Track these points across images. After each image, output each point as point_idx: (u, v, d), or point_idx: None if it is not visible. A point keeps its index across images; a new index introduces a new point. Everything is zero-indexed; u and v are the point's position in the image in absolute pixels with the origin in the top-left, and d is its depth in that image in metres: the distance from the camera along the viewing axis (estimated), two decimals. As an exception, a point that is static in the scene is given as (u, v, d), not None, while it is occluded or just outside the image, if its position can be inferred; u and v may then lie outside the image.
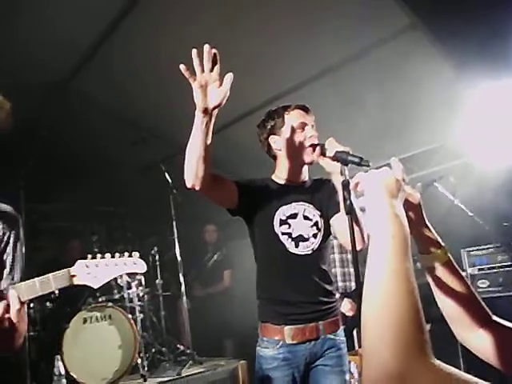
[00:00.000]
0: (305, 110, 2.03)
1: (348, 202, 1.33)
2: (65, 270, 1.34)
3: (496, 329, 0.88)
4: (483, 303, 0.95)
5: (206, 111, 1.53)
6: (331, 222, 1.99)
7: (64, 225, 5.56)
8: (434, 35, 3.02)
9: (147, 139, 3.95)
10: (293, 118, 2.00)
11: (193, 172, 1.64)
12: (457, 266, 0.98)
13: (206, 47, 1.43)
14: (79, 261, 1.36)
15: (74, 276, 1.34)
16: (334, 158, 1.49)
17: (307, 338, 1.91)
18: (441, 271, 0.97)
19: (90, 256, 1.38)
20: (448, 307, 0.97)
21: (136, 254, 1.44)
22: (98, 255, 1.39)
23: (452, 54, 3.13)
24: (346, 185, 1.37)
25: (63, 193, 4.76)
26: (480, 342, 0.89)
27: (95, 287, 1.38)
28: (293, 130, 1.97)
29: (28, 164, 3.57)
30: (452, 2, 2.74)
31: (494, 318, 0.93)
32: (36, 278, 1.31)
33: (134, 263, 1.44)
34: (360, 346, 3.29)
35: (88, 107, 4.03)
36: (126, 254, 1.44)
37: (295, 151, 1.98)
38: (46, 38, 3.12)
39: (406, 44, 3.10)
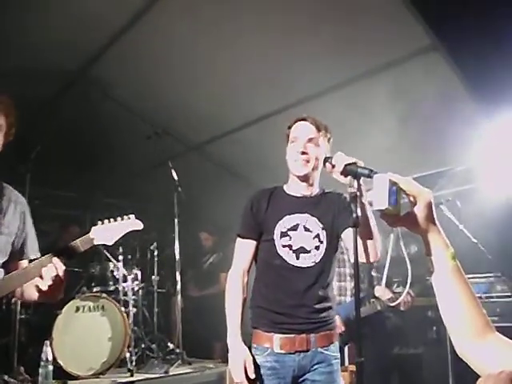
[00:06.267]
0: (303, 121, 2.04)
1: (354, 215, 1.32)
2: (86, 235, 1.66)
3: (496, 342, 0.85)
4: (486, 315, 0.91)
5: None
6: (343, 235, 1.96)
7: (66, 212, 5.56)
8: (454, 58, 3.00)
9: (161, 135, 3.95)
10: (292, 130, 2.05)
11: None
12: (463, 272, 0.94)
13: None
14: (94, 227, 1.66)
15: (93, 238, 1.64)
16: (344, 172, 1.47)
17: (296, 348, 1.88)
18: (446, 275, 0.93)
19: (100, 222, 1.68)
20: (450, 314, 0.93)
21: (132, 216, 1.75)
22: (106, 220, 1.67)
23: (471, 79, 3.10)
24: (353, 197, 1.36)
25: (69, 180, 4.76)
26: (479, 354, 0.86)
27: (110, 244, 1.70)
28: (288, 143, 2.05)
29: (38, 148, 3.58)
30: (475, 25, 2.72)
31: (496, 333, 0.90)
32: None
33: (134, 223, 1.74)
34: (350, 362, 3.27)
35: (103, 97, 4.03)
36: (126, 216, 1.73)
37: (289, 163, 2.03)
38: (66, 24, 3.12)
39: (425, 64, 3.08)
